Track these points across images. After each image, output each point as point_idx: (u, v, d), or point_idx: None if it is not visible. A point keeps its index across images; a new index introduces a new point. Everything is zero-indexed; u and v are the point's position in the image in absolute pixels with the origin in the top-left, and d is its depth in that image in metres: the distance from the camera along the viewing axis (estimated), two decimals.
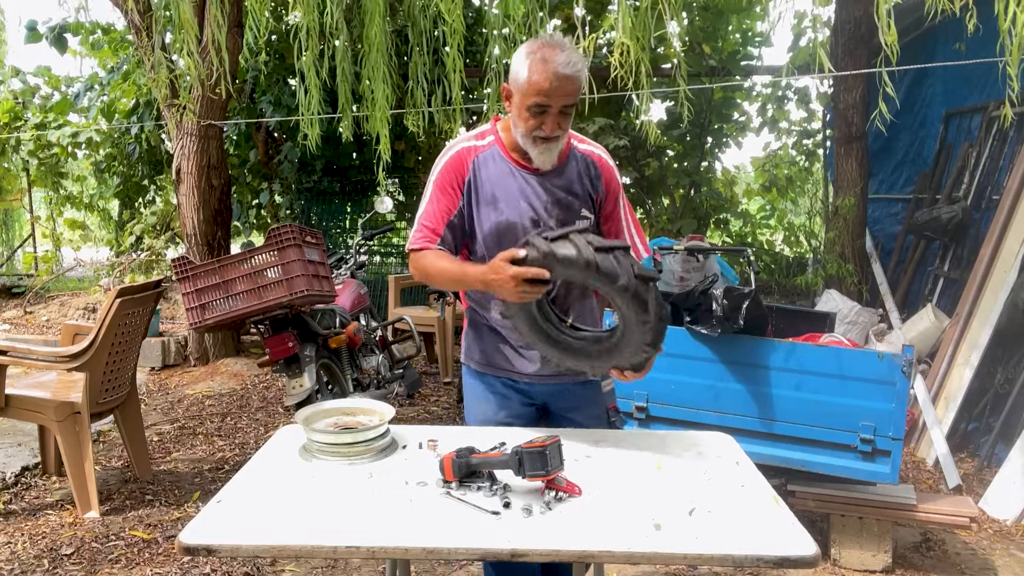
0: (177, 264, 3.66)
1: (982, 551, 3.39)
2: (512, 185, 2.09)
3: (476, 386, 2.28)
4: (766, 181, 9.40)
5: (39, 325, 7.67)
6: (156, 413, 5.14)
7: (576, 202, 2.12)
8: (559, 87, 1.93)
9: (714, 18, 8.01)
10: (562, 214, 2.10)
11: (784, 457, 3.17)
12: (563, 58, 1.92)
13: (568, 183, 2.12)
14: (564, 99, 1.95)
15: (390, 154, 4.50)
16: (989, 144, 5.52)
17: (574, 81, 1.94)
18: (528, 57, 1.96)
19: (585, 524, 1.55)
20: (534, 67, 1.93)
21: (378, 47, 4.21)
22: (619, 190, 2.20)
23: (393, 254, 9.05)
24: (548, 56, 1.92)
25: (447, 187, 2.10)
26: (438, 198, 2.11)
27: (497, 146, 2.11)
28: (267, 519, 1.55)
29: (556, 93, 1.93)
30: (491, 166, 2.10)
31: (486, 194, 2.09)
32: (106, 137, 8.56)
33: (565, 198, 2.11)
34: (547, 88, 1.93)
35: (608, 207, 2.18)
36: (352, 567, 3.16)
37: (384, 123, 4.38)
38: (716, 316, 3.19)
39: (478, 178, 2.10)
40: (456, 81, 4.28)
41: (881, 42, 3.09)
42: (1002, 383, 4.33)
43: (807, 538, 1.49)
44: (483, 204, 2.09)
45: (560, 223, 2.08)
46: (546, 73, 1.92)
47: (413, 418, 5.08)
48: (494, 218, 2.08)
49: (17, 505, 3.64)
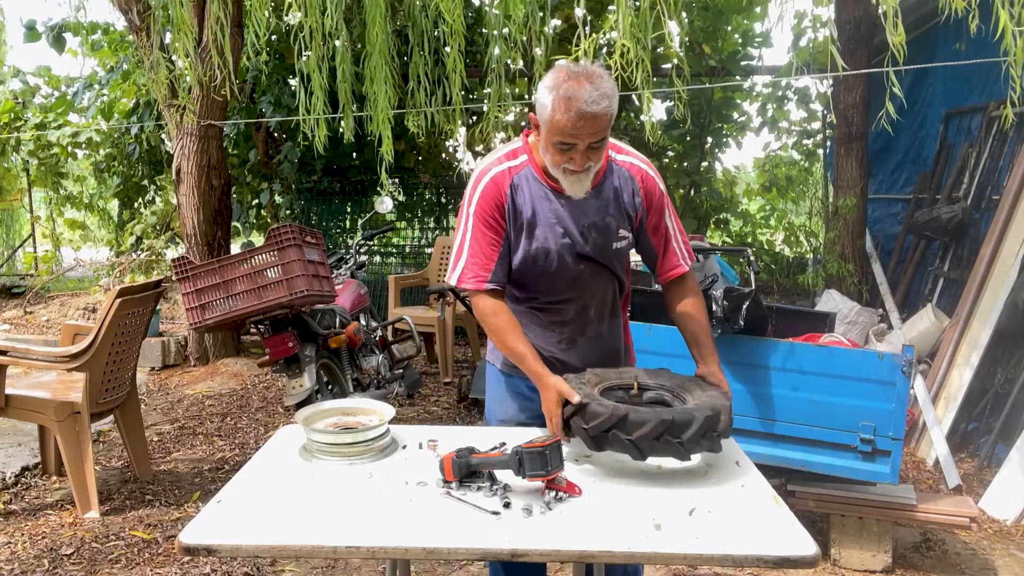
0: (177, 264, 3.66)
1: (982, 551, 3.39)
2: (547, 210, 2.02)
3: (500, 386, 2.26)
4: (766, 181, 9.40)
5: (39, 325, 7.67)
6: (156, 413, 5.14)
7: (613, 223, 2.05)
8: (584, 126, 1.82)
9: (714, 18, 8.01)
10: (599, 238, 2.04)
11: (784, 457, 3.17)
12: (588, 94, 1.79)
13: (605, 204, 2.04)
14: (591, 137, 1.84)
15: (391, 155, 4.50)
16: (989, 144, 5.52)
17: (601, 118, 1.82)
18: (552, 92, 1.84)
19: (585, 524, 1.55)
20: (558, 105, 1.82)
21: (379, 48, 4.21)
22: (663, 202, 2.10)
23: (393, 254, 9.05)
24: (573, 92, 1.80)
25: (489, 220, 2.01)
26: (482, 232, 2.01)
27: (531, 167, 2.03)
28: (267, 519, 1.55)
29: (582, 133, 1.83)
30: (525, 189, 2.03)
31: (522, 220, 2.03)
32: (106, 137, 8.56)
33: (602, 221, 2.03)
34: (571, 129, 1.82)
35: (652, 220, 2.09)
36: (352, 567, 3.16)
37: (386, 124, 4.38)
38: (716, 317, 3.19)
39: (516, 203, 2.03)
40: (456, 81, 4.28)
41: (881, 42, 3.10)
42: (1002, 383, 4.33)
43: (807, 538, 1.49)
44: (519, 230, 2.04)
45: (597, 247, 2.04)
46: (570, 113, 1.80)
47: (413, 418, 5.08)
48: (529, 245, 2.04)
49: (17, 505, 3.64)
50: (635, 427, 1.72)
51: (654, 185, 2.08)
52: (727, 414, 1.81)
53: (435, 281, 6.66)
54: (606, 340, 2.21)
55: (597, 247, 2.04)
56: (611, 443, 1.74)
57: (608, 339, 2.22)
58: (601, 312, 2.16)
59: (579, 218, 2.02)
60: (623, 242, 2.08)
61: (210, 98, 5.70)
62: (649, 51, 3.47)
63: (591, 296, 2.13)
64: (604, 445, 1.76)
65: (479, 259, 2.02)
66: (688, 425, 1.72)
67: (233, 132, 8.37)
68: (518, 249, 2.06)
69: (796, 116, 8.86)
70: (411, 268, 8.49)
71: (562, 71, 1.86)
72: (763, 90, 8.63)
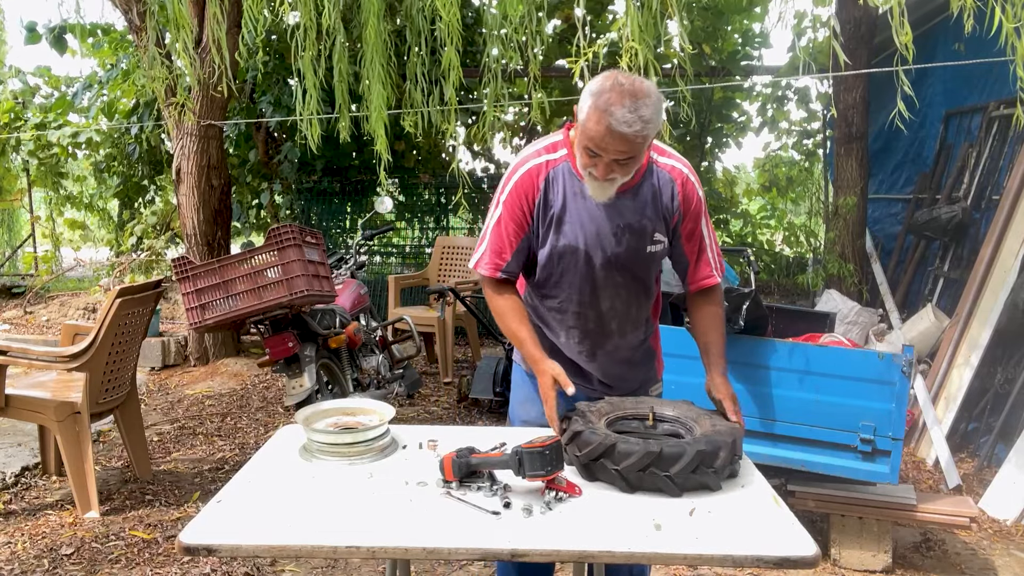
0: (177, 264, 3.66)
1: (982, 551, 3.39)
2: (580, 207, 2.00)
3: (525, 388, 2.24)
4: (766, 181, 9.40)
5: (39, 325, 7.67)
6: (156, 413, 5.14)
7: (649, 226, 2.00)
8: (612, 143, 1.79)
9: (714, 18, 8.01)
10: (633, 240, 2.00)
11: (784, 457, 3.17)
12: (622, 114, 1.75)
13: (642, 206, 1.99)
14: (617, 154, 1.81)
15: (389, 154, 4.49)
16: (989, 144, 5.52)
17: (630, 140, 1.77)
18: (592, 98, 1.80)
19: (585, 524, 1.55)
20: (592, 114, 1.79)
21: (374, 47, 4.20)
22: (700, 209, 2.05)
23: (393, 254, 9.05)
24: (609, 107, 1.76)
25: (516, 210, 2.01)
26: (506, 222, 2.02)
27: (569, 161, 2.00)
28: (267, 519, 1.55)
29: (609, 147, 1.80)
30: (561, 183, 2.00)
31: (552, 215, 2.01)
32: (106, 137, 8.56)
33: (638, 223, 1.99)
34: (599, 141, 1.80)
35: (687, 226, 2.05)
36: (352, 567, 3.16)
37: (381, 123, 4.38)
38: None
39: (548, 197, 2.01)
40: (452, 81, 4.27)
41: (881, 43, 3.09)
42: (1002, 383, 4.33)
43: (807, 538, 1.49)
44: (548, 225, 2.02)
45: (631, 249, 2.01)
46: (600, 125, 1.77)
47: (413, 418, 5.08)
48: (556, 241, 2.02)
49: (17, 505, 3.64)
50: (622, 457, 1.68)
51: (693, 190, 2.03)
52: (729, 450, 1.72)
53: (435, 281, 6.66)
54: (629, 354, 2.18)
55: (631, 249, 2.01)
56: (600, 472, 1.72)
57: (631, 352, 2.18)
58: (623, 327, 2.13)
59: (614, 218, 1.99)
60: (658, 246, 2.04)
61: (210, 98, 5.70)
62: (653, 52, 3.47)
63: (613, 308, 2.09)
64: (595, 474, 1.73)
65: (498, 248, 2.04)
66: (677, 459, 1.66)
67: (233, 132, 8.37)
68: (546, 243, 2.03)
69: (796, 116, 8.87)
70: (411, 268, 8.50)
71: (610, 79, 1.81)
72: (763, 90, 8.64)
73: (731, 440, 1.75)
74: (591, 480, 1.74)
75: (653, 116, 1.79)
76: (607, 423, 1.89)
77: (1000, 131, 5.45)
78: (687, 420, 1.95)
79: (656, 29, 3.37)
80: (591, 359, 2.15)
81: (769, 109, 8.70)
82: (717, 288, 2.14)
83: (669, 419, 1.98)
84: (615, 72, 1.84)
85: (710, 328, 2.13)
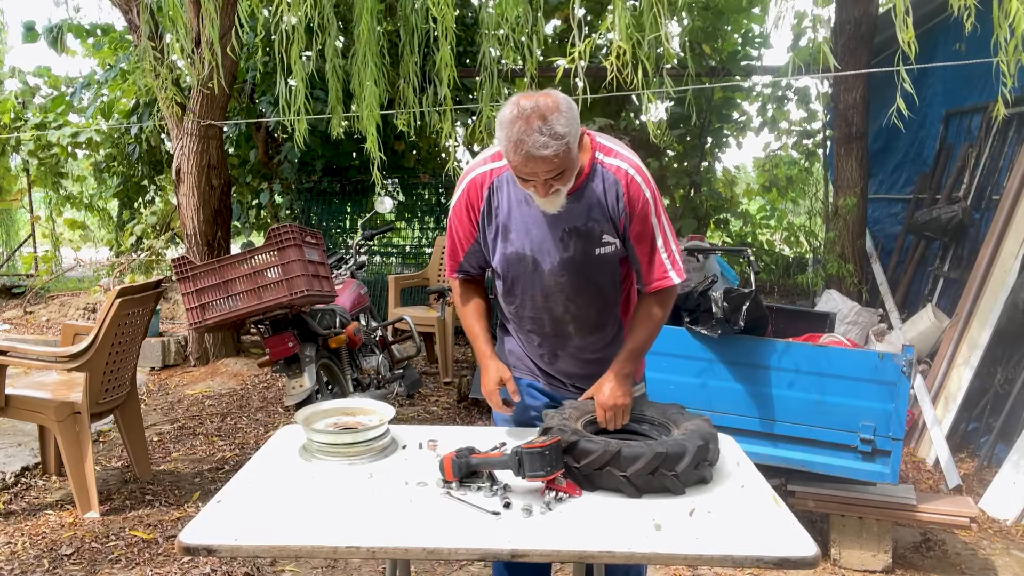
0: (177, 264, 3.65)
1: (982, 551, 3.39)
2: (525, 214, 2.00)
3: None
4: (766, 181, 9.40)
5: (39, 325, 7.67)
6: (156, 413, 5.14)
7: (596, 228, 1.99)
8: (537, 167, 1.81)
9: (714, 18, 8.01)
10: (580, 243, 1.99)
11: (784, 457, 3.17)
12: (536, 139, 1.76)
13: (587, 208, 1.98)
14: (547, 174, 1.83)
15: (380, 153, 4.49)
16: (989, 144, 5.51)
17: (551, 160, 1.79)
18: (503, 130, 1.82)
19: (585, 524, 1.55)
20: (509, 147, 1.81)
21: (367, 45, 4.19)
22: (648, 208, 1.98)
23: (393, 254, 9.06)
24: (522, 136, 1.77)
25: (463, 217, 2.09)
26: (455, 228, 2.12)
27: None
28: (267, 519, 1.55)
29: (537, 171, 1.82)
30: (505, 191, 2.02)
31: (497, 224, 2.03)
32: (106, 137, 8.56)
33: (584, 226, 1.98)
34: (524, 169, 1.83)
35: (635, 228, 1.99)
36: (352, 567, 3.16)
37: (373, 122, 4.37)
38: (716, 318, 3.19)
39: (491, 206, 2.03)
40: (446, 79, 4.27)
41: (881, 43, 3.09)
42: (1002, 383, 4.33)
43: (807, 538, 1.49)
44: (495, 233, 2.05)
45: (579, 252, 2.00)
46: (519, 155, 1.79)
47: (413, 418, 5.08)
48: (505, 248, 2.04)
49: (17, 505, 3.64)
50: (629, 462, 1.66)
51: (638, 191, 1.97)
52: (715, 442, 1.78)
53: (435, 281, 6.66)
54: (595, 354, 2.16)
55: (579, 252, 2.00)
56: (604, 480, 1.69)
57: (597, 352, 2.16)
58: (582, 330, 2.12)
59: (559, 223, 1.98)
60: (608, 247, 2.01)
61: (210, 98, 5.70)
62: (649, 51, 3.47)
63: (568, 312, 2.08)
64: (597, 483, 1.70)
65: (451, 251, 2.17)
66: (681, 457, 1.67)
67: (233, 132, 8.37)
68: (495, 251, 2.07)
69: (796, 116, 8.87)
70: (411, 268, 8.50)
71: (514, 107, 1.81)
72: (763, 90, 8.64)
73: (715, 431, 1.79)
74: (592, 489, 1.71)
75: (568, 127, 1.79)
76: (582, 427, 1.88)
77: (1000, 131, 5.45)
78: (653, 418, 1.97)
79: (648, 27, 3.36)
80: (552, 361, 2.18)
81: (769, 109, 8.70)
82: (671, 290, 2.06)
83: (634, 418, 2.00)
84: (517, 97, 1.84)
85: (639, 327, 2.07)
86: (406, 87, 4.63)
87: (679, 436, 1.79)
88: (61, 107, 8.96)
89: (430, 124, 4.76)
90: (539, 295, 2.08)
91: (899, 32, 3.01)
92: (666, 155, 8.79)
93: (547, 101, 1.80)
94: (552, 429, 1.79)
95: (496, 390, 2.08)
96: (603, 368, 2.14)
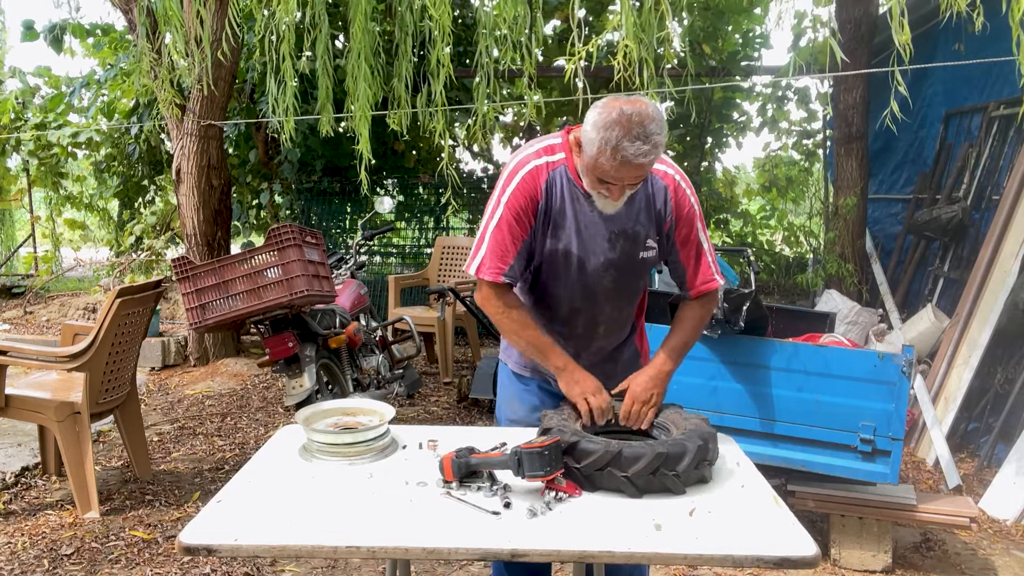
0: (177, 264, 3.66)
1: (982, 551, 3.39)
2: (576, 213, 2.00)
3: (512, 386, 2.25)
4: (766, 181, 9.41)
5: (39, 325, 7.67)
6: (156, 413, 5.14)
7: (642, 232, 2.01)
8: (628, 173, 1.82)
9: (714, 18, 8.01)
10: (627, 245, 2.01)
11: (784, 457, 3.17)
12: (637, 147, 1.77)
13: (635, 212, 2.00)
14: (633, 180, 1.86)
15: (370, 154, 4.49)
16: (989, 144, 5.52)
17: (644, 168, 1.82)
18: (598, 132, 1.79)
19: (585, 524, 1.55)
20: (603, 149, 1.79)
21: (361, 44, 4.19)
22: (695, 214, 2.04)
23: (393, 254, 9.06)
24: (621, 143, 1.77)
25: (520, 213, 1.97)
26: (510, 224, 1.97)
27: (566, 165, 1.99)
28: (267, 519, 1.55)
29: (625, 177, 1.84)
30: (558, 188, 2.00)
31: (550, 219, 2.01)
32: (106, 137, 8.56)
33: (631, 229, 2.00)
34: (614, 173, 1.83)
35: (682, 232, 2.04)
36: (352, 567, 3.16)
37: (365, 122, 4.37)
38: (716, 318, 3.19)
39: (547, 202, 2.00)
40: (442, 79, 4.26)
41: (881, 43, 3.09)
42: (1002, 383, 4.33)
43: (807, 538, 1.49)
44: (545, 228, 2.02)
45: (624, 255, 2.02)
46: (615, 160, 1.79)
47: (413, 418, 5.08)
48: (553, 245, 2.02)
49: (17, 505, 3.64)
50: (630, 463, 1.65)
51: (685, 196, 2.03)
52: (714, 441, 1.78)
53: (435, 281, 6.67)
54: (613, 354, 2.19)
55: (624, 255, 2.02)
56: (605, 481, 1.68)
57: (615, 352, 2.20)
58: (610, 330, 2.14)
59: (609, 224, 1.99)
60: (651, 252, 2.04)
61: (210, 98, 5.70)
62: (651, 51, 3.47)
63: (603, 313, 2.10)
64: (598, 483, 1.69)
65: (500, 251, 1.98)
66: (681, 457, 1.67)
67: (233, 132, 8.37)
68: (543, 248, 2.02)
69: (796, 116, 8.88)
70: (411, 268, 8.50)
71: (613, 110, 1.79)
72: (763, 90, 8.64)
73: (714, 431, 1.79)
74: (593, 490, 1.71)
75: (662, 135, 1.81)
76: (581, 428, 1.89)
77: (1000, 131, 5.45)
78: (663, 421, 1.97)
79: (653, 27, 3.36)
80: (575, 360, 2.14)
81: (769, 109, 8.71)
82: (714, 293, 2.14)
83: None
84: (616, 101, 1.81)
85: (683, 328, 2.12)
86: (400, 86, 4.63)
87: (679, 436, 1.79)
88: (60, 107, 8.96)
89: (424, 124, 4.75)
90: (579, 294, 2.07)
91: (895, 34, 3.02)
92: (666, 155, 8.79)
93: (647, 108, 1.79)
94: (552, 429, 1.79)
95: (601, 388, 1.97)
96: (614, 367, 2.17)
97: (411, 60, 4.53)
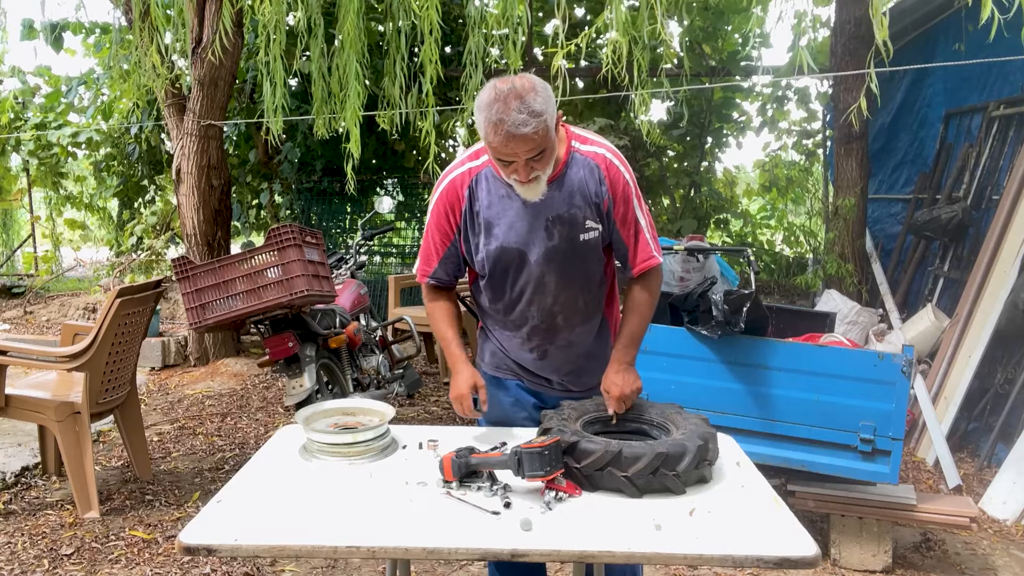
0: (177, 264, 3.66)
1: (982, 551, 3.39)
2: (508, 208, 2.02)
3: (489, 388, 2.24)
4: (766, 181, 9.41)
5: (39, 325, 7.67)
6: (156, 413, 5.14)
7: (579, 214, 2.02)
8: (517, 146, 1.83)
9: (714, 18, 8.01)
10: (565, 230, 2.02)
11: (784, 457, 3.17)
12: (514, 118, 1.79)
13: (568, 195, 2.01)
14: (527, 154, 1.85)
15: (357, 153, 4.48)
16: (989, 144, 5.51)
17: (532, 137, 1.81)
18: (482, 112, 1.84)
19: (585, 524, 1.55)
20: (488, 129, 1.83)
21: (352, 44, 4.18)
22: (630, 190, 2.04)
23: (393, 254, 9.06)
24: (501, 116, 1.80)
25: (441, 221, 2.08)
26: (432, 232, 2.11)
27: (491, 166, 2.02)
28: (267, 519, 1.55)
29: (517, 151, 1.84)
30: (485, 188, 2.04)
31: (480, 220, 2.04)
32: (106, 137, 8.56)
33: (567, 213, 2.01)
34: (505, 150, 1.84)
35: (619, 210, 2.04)
36: (352, 567, 3.16)
37: (355, 121, 4.37)
38: (716, 319, 3.19)
39: (474, 205, 2.05)
40: (430, 76, 4.26)
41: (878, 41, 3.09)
42: (1002, 383, 4.33)
43: (807, 538, 1.49)
44: (478, 230, 2.06)
45: (564, 240, 2.02)
46: (500, 135, 1.81)
47: (413, 418, 5.08)
48: (490, 244, 2.05)
49: (17, 505, 3.63)
50: (630, 463, 1.65)
51: (618, 174, 2.03)
52: (714, 441, 1.78)
53: None
54: (583, 347, 2.18)
55: (564, 240, 2.03)
56: (605, 481, 1.68)
57: (585, 346, 2.19)
58: (571, 319, 2.13)
59: (543, 212, 2.01)
60: (592, 233, 2.04)
61: (210, 97, 5.69)
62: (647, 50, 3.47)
63: (557, 302, 2.10)
64: (598, 483, 1.69)
65: (425, 256, 2.16)
66: (681, 457, 1.67)
67: (233, 132, 8.37)
68: (480, 249, 2.07)
69: (796, 116, 8.87)
70: (411, 268, 8.49)
71: (492, 89, 1.85)
72: (763, 90, 8.64)
73: (713, 431, 1.79)
74: (593, 490, 1.71)
75: (544, 106, 1.83)
76: (581, 428, 1.89)
77: (1000, 131, 5.45)
78: (652, 418, 1.97)
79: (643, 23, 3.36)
80: (543, 357, 2.17)
81: (769, 109, 8.71)
82: (656, 271, 2.13)
83: (632, 418, 2.00)
84: (493, 81, 1.88)
85: (632, 312, 2.12)
86: (391, 85, 4.62)
87: (679, 436, 1.79)
88: (59, 106, 8.96)
89: (414, 123, 4.75)
90: (529, 287, 2.08)
91: (876, 30, 3.02)
92: (666, 155, 8.79)
93: (523, 82, 1.84)
94: (551, 429, 1.79)
95: (468, 394, 2.05)
96: (591, 362, 2.18)
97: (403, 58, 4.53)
